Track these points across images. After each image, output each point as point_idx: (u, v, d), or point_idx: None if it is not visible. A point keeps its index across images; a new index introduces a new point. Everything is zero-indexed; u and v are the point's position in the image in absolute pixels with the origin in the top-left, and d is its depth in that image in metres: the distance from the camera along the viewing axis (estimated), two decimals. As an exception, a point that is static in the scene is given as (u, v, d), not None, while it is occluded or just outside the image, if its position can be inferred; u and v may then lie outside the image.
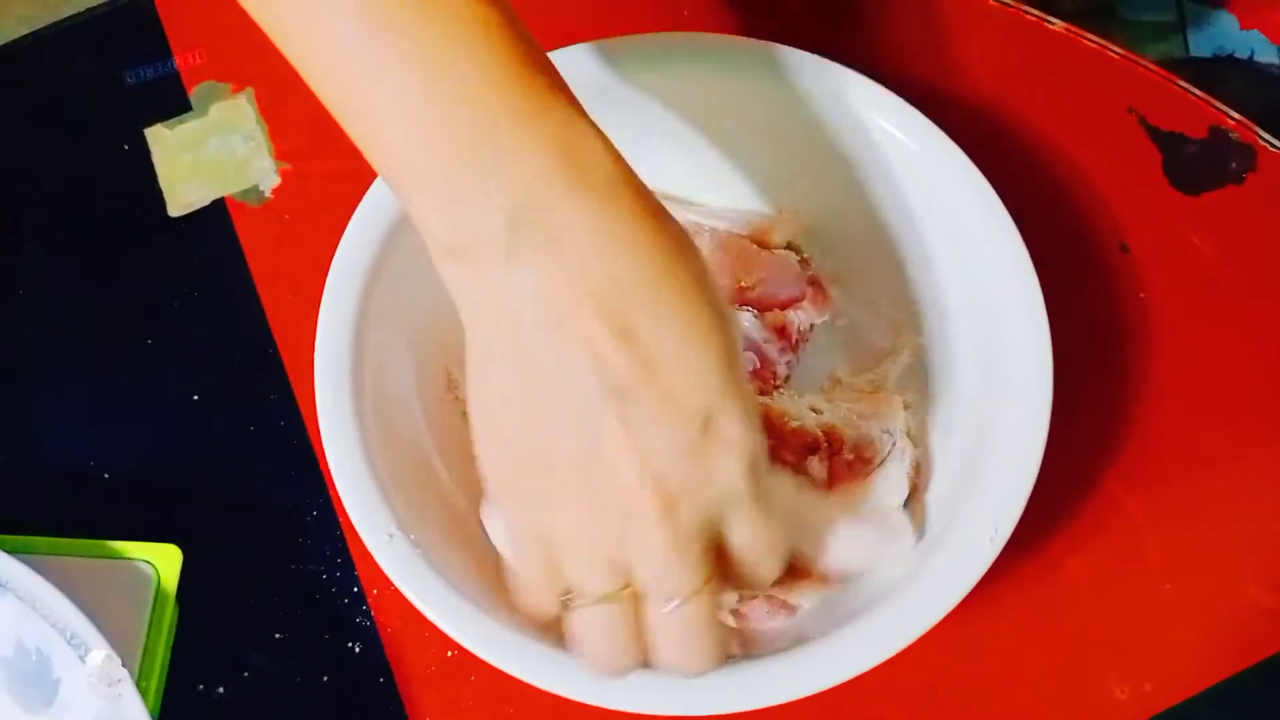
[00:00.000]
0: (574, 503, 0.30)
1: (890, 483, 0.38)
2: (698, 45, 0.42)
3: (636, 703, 0.34)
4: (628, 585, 0.31)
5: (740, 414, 0.30)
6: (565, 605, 0.32)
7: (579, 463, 0.29)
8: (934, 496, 0.38)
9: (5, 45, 0.50)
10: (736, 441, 0.30)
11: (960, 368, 0.40)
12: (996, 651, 0.40)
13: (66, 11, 0.50)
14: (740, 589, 0.34)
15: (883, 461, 0.39)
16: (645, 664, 0.32)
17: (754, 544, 0.32)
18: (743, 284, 0.41)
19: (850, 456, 0.39)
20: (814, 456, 0.39)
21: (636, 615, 0.31)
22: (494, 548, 0.38)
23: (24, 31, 0.50)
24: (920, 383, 0.41)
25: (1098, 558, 0.41)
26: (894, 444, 0.39)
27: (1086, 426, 0.42)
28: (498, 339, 0.30)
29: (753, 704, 0.34)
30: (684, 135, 0.42)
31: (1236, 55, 0.65)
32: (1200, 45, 0.67)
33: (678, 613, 0.31)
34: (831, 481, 0.39)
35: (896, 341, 0.42)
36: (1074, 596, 0.41)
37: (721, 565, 0.32)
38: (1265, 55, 0.63)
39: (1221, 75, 0.62)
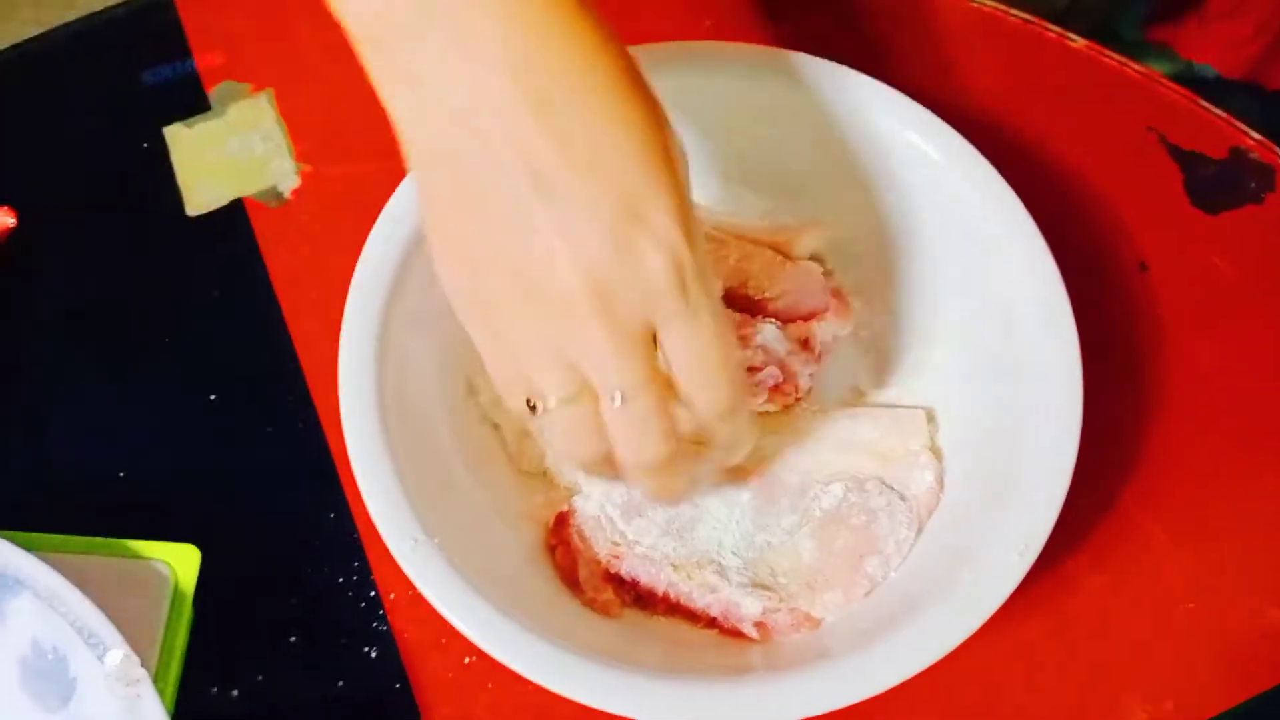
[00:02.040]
0: (521, 304, 0.30)
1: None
2: (720, 54, 0.42)
3: (658, 713, 0.34)
4: (585, 387, 0.31)
5: (668, 207, 0.29)
6: (532, 414, 0.32)
7: (517, 263, 0.29)
8: (957, 512, 0.38)
9: (24, 45, 0.50)
10: (663, 236, 0.29)
11: (984, 382, 0.40)
12: (1015, 670, 0.40)
13: (85, 12, 0.50)
14: (705, 435, 0.33)
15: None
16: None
17: (690, 356, 0.31)
18: (766, 295, 0.41)
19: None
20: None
21: (596, 412, 0.31)
22: (515, 549, 0.38)
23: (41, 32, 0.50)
24: (943, 397, 0.41)
25: (1117, 576, 0.41)
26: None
27: (1105, 444, 0.42)
28: (422, 138, 0.30)
29: (771, 717, 0.34)
30: (707, 145, 0.42)
31: (1241, 81, 0.66)
32: (1205, 71, 0.68)
33: (625, 407, 0.31)
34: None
35: (920, 354, 0.42)
36: (1094, 615, 0.41)
37: (680, 407, 0.31)
38: (1222, 78, 0.64)
39: (1226, 96, 0.63)
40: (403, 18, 0.28)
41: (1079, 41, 0.49)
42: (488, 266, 0.30)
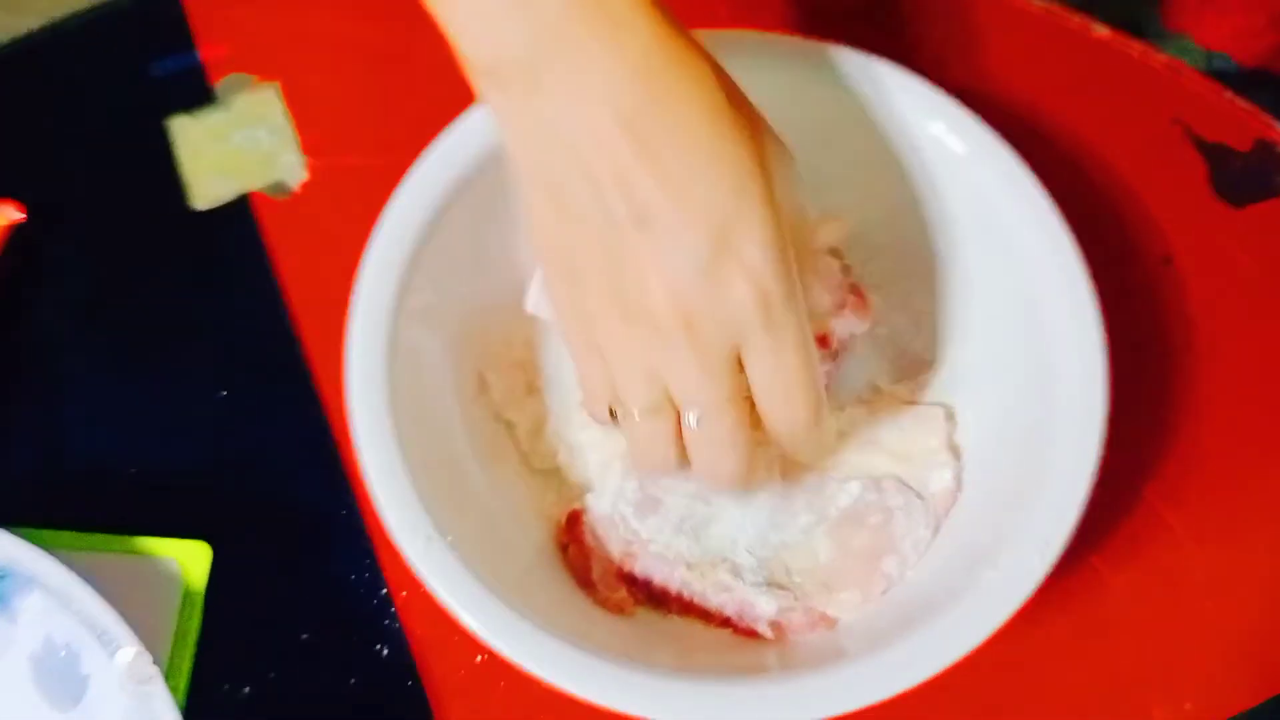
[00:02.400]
0: (614, 318, 0.32)
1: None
2: (737, 42, 0.41)
3: (671, 713, 0.34)
4: (668, 400, 0.33)
5: (760, 239, 0.31)
6: (615, 419, 0.34)
7: (611, 283, 0.32)
8: (978, 511, 0.38)
9: (29, 36, 0.49)
10: (751, 266, 0.31)
11: (1006, 379, 0.39)
12: (1035, 668, 0.39)
13: (90, 4, 0.50)
14: (782, 445, 0.35)
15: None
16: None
17: (772, 379, 0.33)
18: None
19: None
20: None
21: (675, 426, 0.34)
22: (528, 548, 0.37)
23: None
24: (963, 393, 0.40)
25: (1139, 575, 0.40)
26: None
27: (1129, 441, 0.41)
28: (530, 162, 0.32)
29: (790, 717, 0.33)
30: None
31: (1259, 71, 0.65)
32: (1223, 61, 0.67)
33: (704, 425, 0.33)
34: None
35: (939, 351, 0.41)
36: (1115, 614, 0.40)
37: (756, 416, 0.33)
38: (1238, 67, 0.63)
39: (1247, 88, 0.63)
40: (518, 53, 0.30)
41: (1102, 31, 0.48)
42: (587, 285, 0.32)
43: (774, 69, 0.40)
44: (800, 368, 0.33)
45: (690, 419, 0.33)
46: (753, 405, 0.33)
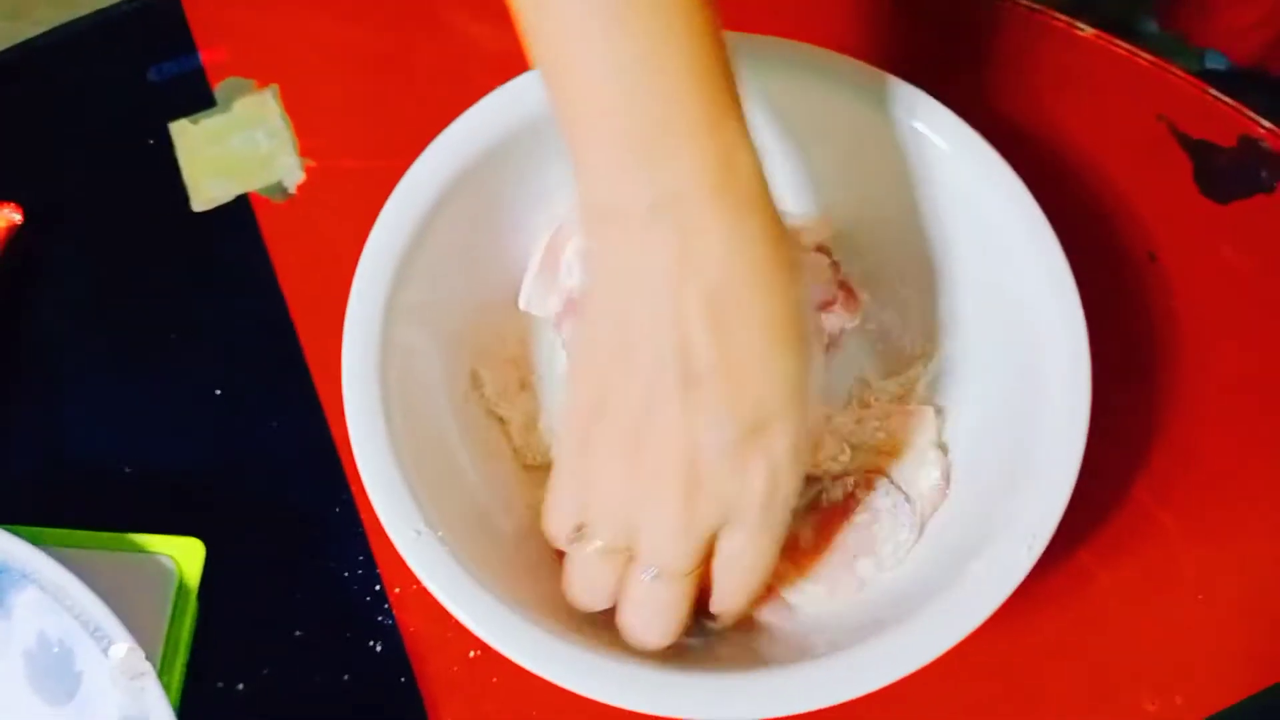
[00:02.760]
0: (618, 457, 0.33)
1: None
2: (728, 45, 0.42)
3: (662, 706, 0.34)
4: (628, 547, 0.34)
5: (791, 439, 0.32)
6: (571, 540, 0.35)
7: (633, 425, 0.32)
8: (965, 506, 0.38)
9: (30, 41, 0.50)
10: (775, 462, 0.32)
11: (992, 374, 0.39)
12: (1026, 662, 0.40)
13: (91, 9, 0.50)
14: (709, 604, 0.36)
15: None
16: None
17: (738, 558, 0.34)
18: None
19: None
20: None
21: (622, 571, 0.34)
22: (520, 542, 0.38)
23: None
24: (950, 389, 0.41)
25: (1129, 570, 0.41)
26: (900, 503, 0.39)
27: (1117, 437, 0.42)
28: (609, 296, 0.33)
29: (783, 710, 0.34)
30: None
31: (1252, 70, 0.65)
32: (1216, 59, 0.67)
33: (654, 584, 0.34)
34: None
35: (926, 347, 0.42)
36: (1105, 608, 0.40)
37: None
38: (1233, 66, 0.63)
39: (1240, 89, 0.63)
40: (638, 207, 0.31)
41: (1087, 30, 0.48)
42: (607, 418, 0.33)
43: (763, 71, 0.41)
44: (768, 564, 0.34)
45: (645, 575, 0.34)
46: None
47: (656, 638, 0.35)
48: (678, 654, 0.37)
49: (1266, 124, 0.47)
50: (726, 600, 0.35)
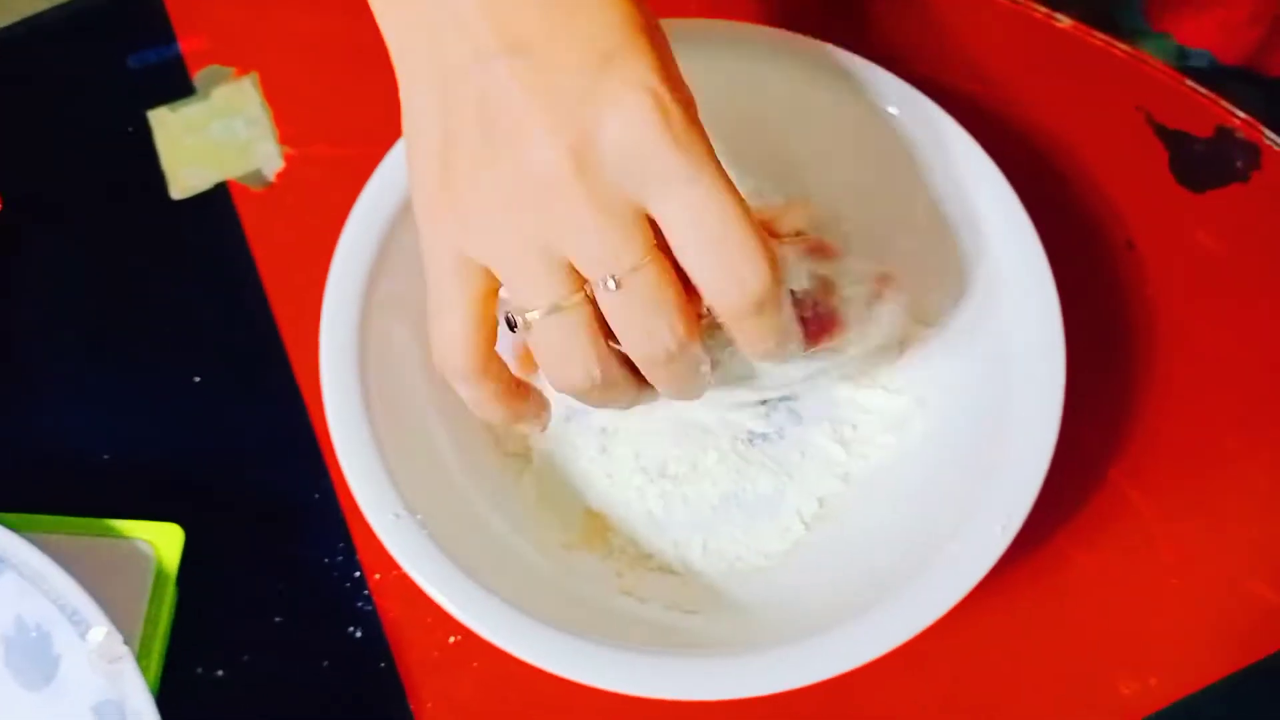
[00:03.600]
0: (492, 192, 0.27)
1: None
2: (705, 31, 0.42)
3: (642, 687, 0.34)
4: (578, 291, 0.28)
5: (647, 61, 0.27)
6: (512, 328, 0.29)
7: (486, 138, 0.27)
8: (941, 488, 0.38)
9: (8, 29, 0.50)
10: (643, 80, 0.26)
11: (969, 358, 0.39)
12: (1001, 644, 0.40)
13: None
14: (733, 329, 0.29)
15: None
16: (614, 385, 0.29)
17: (702, 228, 0.27)
18: None
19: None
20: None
21: (592, 320, 0.28)
22: (501, 528, 0.38)
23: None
24: (926, 375, 0.41)
25: (1104, 553, 0.41)
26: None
27: (1094, 421, 0.42)
28: (422, 61, 0.28)
29: (760, 690, 0.34)
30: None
31: (1231, 65, 0.66)
32: (1198, 55, 0.68)
33: (625, 290, 0.27)
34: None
35: (903, 332, 0.42)
36: (1080, 591, 0.41)
37: (688, 290, 0.28)
38: (1221, 65, 0.64)
39: (1219, 84, 0.64)
40: None
41: (1065, 21, 0.49)
42: (456, 153, 0.28)
43: (741, 57, 0.41)
44: (732, 210, 0.27)
45: (609, 284, 0.27)
46: None
47: (665, 346, 0.28)
48: (660, 635, 0.37)
49: (1242, 114, 0.47)
50: (733, 283, 0.27)
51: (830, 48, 0.41)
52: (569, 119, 0.27)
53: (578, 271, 0.28)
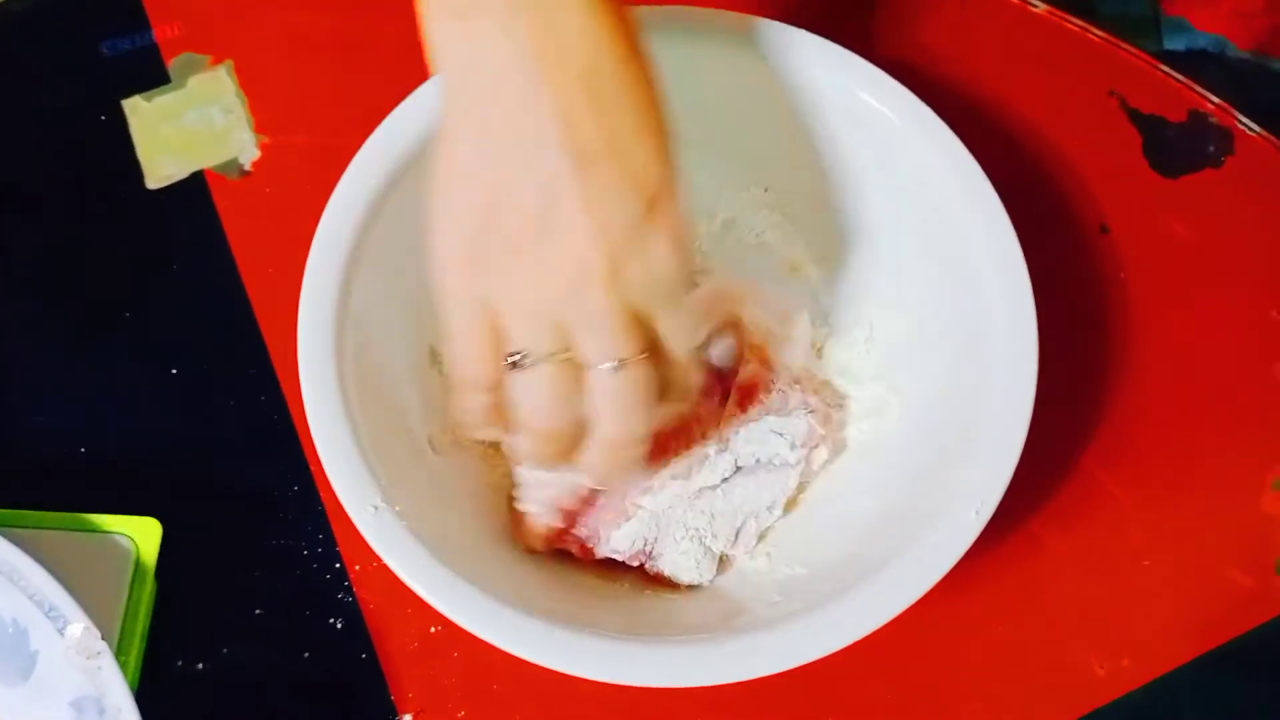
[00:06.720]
0: (524, 264, 0.32)
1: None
2: (670, 17, 0.42)
3: (619, 674, 0.34)
4: (568, 350, 0.33)
5: (679, 215, 0.32)
6: (510, 367, 0.33)
7: (535, 223, 0.31)
8: (916, 474, 0.39)
9: (-19, 16, 0.49)
10: (673, 232, 0.32)
11: (941, 344, 0.40)
12: (976, 628, 0.40)
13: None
14: (670, 390, 0.35)
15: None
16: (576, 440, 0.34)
17: (682, 340, 0.34)
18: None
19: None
20: None
21: (575, 380, 0.33)
22: (480, 519, 0.38)
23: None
24: (901, 362, 0.41)
25: (1078, 537, 0.41)
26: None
27: (1067, 407, 0.42)
28: (474, 103, 0.32)
29: (736, 676, 0.34)
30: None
31: (1209, 51, 0.66)
32: (1174, 41, 0.68)
33: (618, 373, 0.33)
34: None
35: (876, 317, 0.42)
36: (1054, 574, 0.41)
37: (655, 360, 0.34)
38: (1236, 51, 0.64)
39: (1195, 70, 0.64)
40: (494, 2, 0.31)
41: (1040, 7, 0.49)
42: (496, 224, 0.32)
43: (705, 43, 0.41)
44: (700, 332, 0.35)
45: (605, 368, 0.33)
46: None
47: (642, 424, 0.34)
48: (635, 624, 0.37)
49: (1215, 99, 0.47)
50: (687, 374, 0.35)
51: (802, 33, 0.41)
52: (615, 236, 0.31)
53: (569, 335, 0.33)
